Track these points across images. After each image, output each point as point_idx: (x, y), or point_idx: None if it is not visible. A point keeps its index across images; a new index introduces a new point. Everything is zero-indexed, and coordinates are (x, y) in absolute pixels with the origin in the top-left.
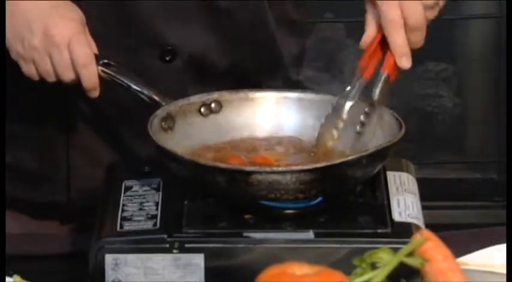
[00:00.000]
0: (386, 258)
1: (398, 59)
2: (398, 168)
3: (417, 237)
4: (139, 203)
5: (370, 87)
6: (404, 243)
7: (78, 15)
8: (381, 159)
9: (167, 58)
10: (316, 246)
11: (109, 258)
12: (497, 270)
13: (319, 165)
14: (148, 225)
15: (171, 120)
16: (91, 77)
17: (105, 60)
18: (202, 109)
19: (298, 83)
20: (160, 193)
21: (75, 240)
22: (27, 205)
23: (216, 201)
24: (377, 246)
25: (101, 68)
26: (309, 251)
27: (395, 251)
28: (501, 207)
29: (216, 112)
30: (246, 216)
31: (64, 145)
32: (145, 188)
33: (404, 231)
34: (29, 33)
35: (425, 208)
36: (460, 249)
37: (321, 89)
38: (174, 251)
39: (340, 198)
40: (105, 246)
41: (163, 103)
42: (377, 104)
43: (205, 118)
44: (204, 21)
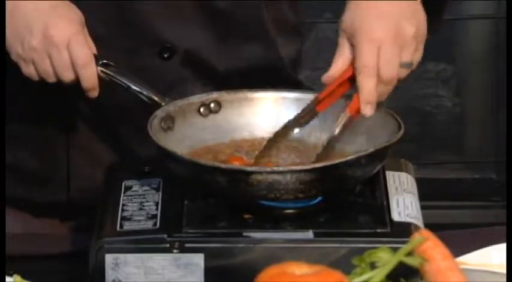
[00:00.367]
0: (386, 257)
1: (363, 105)
2: (398, 168)
3: (416, 237)
4: (139, 203)
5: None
6: (404, 243)
7: (77, 16)
8: (380, 159)
9: (166, 55)
10: (316, 246)
11: (109, 257)
12: (496, 269)
13: (319, 165)
14: (148, 225)
15: (170, 121)
16: (90, 77)
17: (104, 61)
18: (202, 109)
19: (298, 83)
20: (160, 193)
21: (76, 240)
22: (27, 205)
23: (216, 201)
24: (376, 245)
25: (100, 68)
26: (308, 250)
27: (394, 250)
28: (500, 207)
29: (216, 112)
30: (246, 216)
31: (64, 145)
32: (145, 187)
33: (404, 231)
34: (29, 33)
35: (424, 208)
36: (459, 248)
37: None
38: (174, 251)
39: (340, 198)
40: (105, 246)
41: (162, 103)
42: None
43: (205, 118)
44: (202, 21)
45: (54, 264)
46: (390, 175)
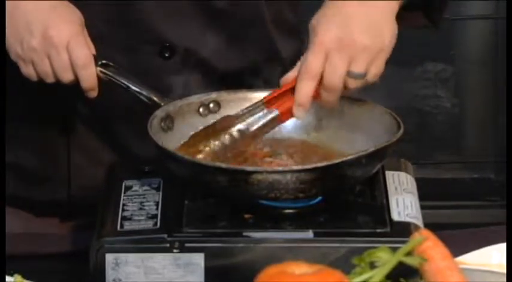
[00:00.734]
0: (385, 257)
1: (295, 106)
2: (397, 168)
3: (416, 237)
4: (139, 203)
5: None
6: (403, 242)
7: (77, 17)
8: (380, 158)
9: (166, 54)
10: (316, 245)
11: (109, 257)
12: (496, 269)
13: (319, 164)
14: (149, 224)
15: (170, 121)
16: (90, 78)
17: (103, 61)
18: (201, 109)
19: None
20: (160, 193)
21: (76, 239)
22: (28, 204)
23: (216, 201)
24: (376, 245)
25: (100, 68)
26: (308, 250)
27: (394, 250)
28: (499, 206)
29: (215, 112)
30: (246, 215)
31: (65, 145)
32: (145, 187)
33: (403, 230)
34: (28, 34)
35: (423, 208)
36: (458, 248)
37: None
38: (174, 251)
39: (340, 198)
40: (106, 245)
41: (162, 103)
42: (250, 132)
43: (204, 118)
44: (202, 20)
45: (54, 263)
46: (390, 175)
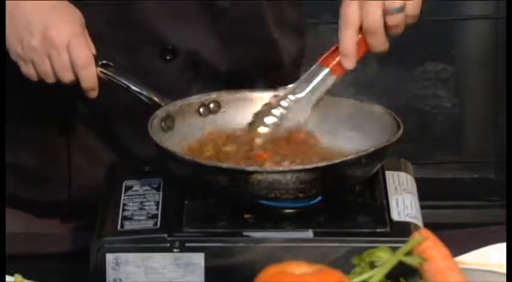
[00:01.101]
0: (385, 257)
1: (342, 57)
2: (397, 168)
3: (416, 237)
4: (139, 203)
5: None
6: (403, 242)
7: (77, 17)
8: (380, 158)
9: (168, 57)
10: (316, 245)
11: (110, 257)
12: (495, 269)
13: (319, 164)
14: (149, 224)
15: (170, 121)
16: (90, 78)
17: (104, 61)
18: (201, 109)
19: None
20: (160, 193)
21: (76, 239)
22: (28, 204)
23: (216, 201)
24: (376, 245)
25: (100, 69)
26: (308, 250)
27: (394, 250)
28: (499, 206)
29: (215, 112)
30: (246, 215)
31: (65, 145)
32: (145, 187)
33: (403, 230)
34: (29, 34)
35: (423, 208)
36: (458, 248)
37: None
38: (175, 250)
39: (340, 198)
40: (106, 245)
41: (162, 103)
42: (306, 95)
43: (204, 118)
44: (204, 21)
45: (55, 263)
46: (390, 175)
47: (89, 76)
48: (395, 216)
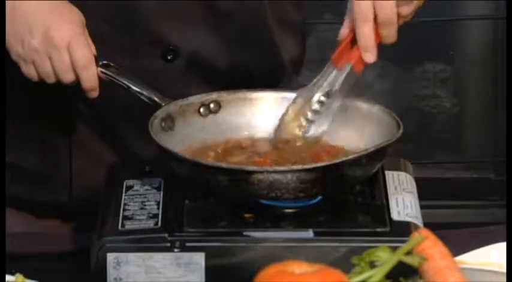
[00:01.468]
0: (385, 257)
1: (363, 52)
2: (397, 168)
3: (415, 236)
4: (140, 202)
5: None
6: (403, 242)
7: (78, 17)
8: (380, 158)
9: (168, 57)
10: (316, 245)
11: (110, 256)
12: (495, 269)
13: (319, 164)
14: (150, 224)
15: (171, 121)
16: (91, 78)
17: (104, 62)
18: (202, 109)
19: (298, 83)
20: (161, 192)
21: (77, 239)
22: (29, 204)
23: (217, 201)
24: (376, 245)
25: (101, 69)
26: (308, 249)
27: (393, 249)
28: (498, 206)
29: (215, 112)
30: (246, 215)
31: (66, 145)
32: (146, 187)
33: (403, 230)
34: (29, 34)
35: (423, 207)
36: (458, 248)
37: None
38: (175, 250)
39: (340, 198)
40: (107, 245)
41: (163, 104)
42: (335, 93)
43: (205, 118)
44: (205, 22)
45: (56, 263)
46: (389, 175)
47: (90, 76)
48: (395, 216)
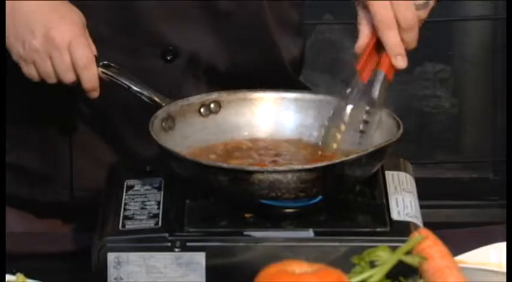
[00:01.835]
0: (385, 256)
1: (394, 58)
2: (397, 168)
3: (415, 236)
4: (141, 202)
5: (370, 89)
6: (403, 241)
7: (78, 17)
8: (380, 158)
9: (168, 57)
10: (316, 244)
11: (111, 256)
12: (495, 268)
13: (319, 164)
14: (150, 224)
15: (171, 121)
16: (91, 78)
17: (105, 62)
18: (202, 109)
19: (298, 83)
20: (161, 192)
21: (78, 238)
22: (30, 204)
23: (217, 201)
24: (376, 244)
25: (101, 69)
26: (308, 249)
27: (393, 249)
28: (497, 206)
29: (216, 112)
30: (247, 215)
31: (67, 145)
32: (146, 187)
33: (403, 230)
34: (30, 35)
35: (423, 207)
36: (457, 247)
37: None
38: (176, 250)
39: (340, 198)
40: (108, 244)
41: (163, 104)
42: (377, 102)
43: (205, 118)
44: (205, 22)
45: (56, 263)
46: (389, 175)
47: (90, 76)
48: (395, 216)
